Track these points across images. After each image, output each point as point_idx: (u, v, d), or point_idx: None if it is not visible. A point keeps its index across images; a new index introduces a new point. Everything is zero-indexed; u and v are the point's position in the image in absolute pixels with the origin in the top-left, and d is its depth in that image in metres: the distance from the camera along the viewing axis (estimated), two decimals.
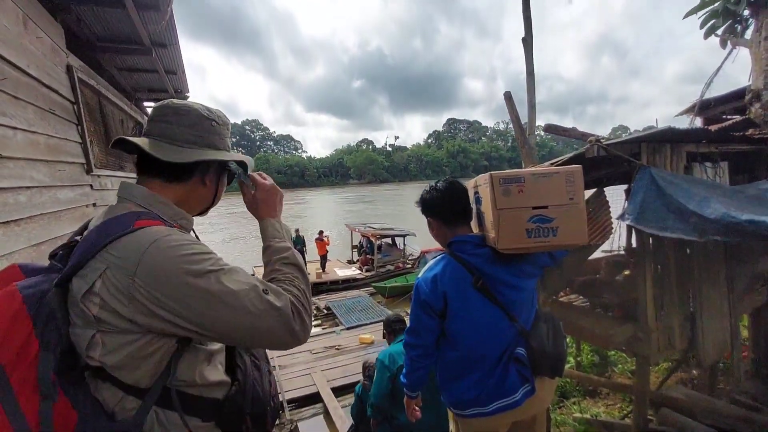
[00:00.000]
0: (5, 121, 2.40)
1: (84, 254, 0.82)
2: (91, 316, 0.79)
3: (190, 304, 0.81)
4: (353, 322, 9.59)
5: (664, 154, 2.40)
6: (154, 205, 0.94)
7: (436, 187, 1.57)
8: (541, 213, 1.31)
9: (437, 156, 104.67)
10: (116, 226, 0.85)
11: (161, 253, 0.81)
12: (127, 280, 0.79)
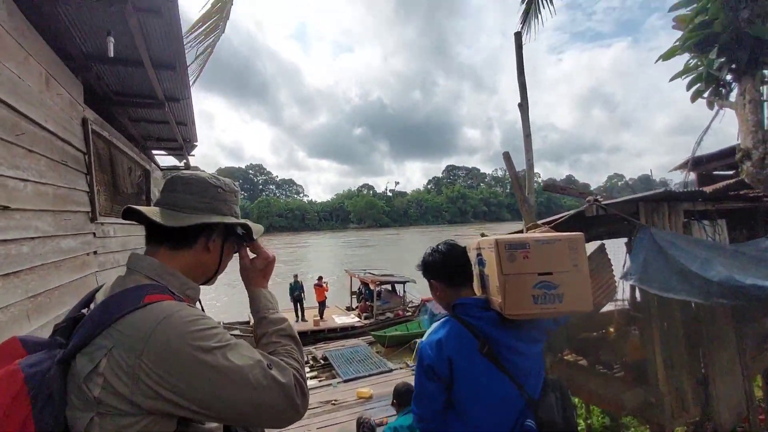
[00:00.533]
0: (17, 173, 2.46)
1: (90, 331, 0.80)
2: (92, 398, 0.76)
3: (195, 383, 0.79)
4: (351, 374, 9.20)
5: (662, 213, 2.43)
6: (163, 277, 0.94)
7: (438, 250, 1.55)
8: (546, 279, 1.32)
9: (437, 201, 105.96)
10: (125, 301, 0.84)
11: (170, 330, 0.80)
12: (133, 360, 0.77)
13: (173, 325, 0.81)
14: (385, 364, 9.74)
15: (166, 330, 0.80)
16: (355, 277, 15.15)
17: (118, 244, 4.68)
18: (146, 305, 0.83)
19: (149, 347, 0.78)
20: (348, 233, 76.04)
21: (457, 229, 79.55)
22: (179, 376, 0.78)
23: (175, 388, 0.78)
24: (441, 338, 1.43)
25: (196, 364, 0.80)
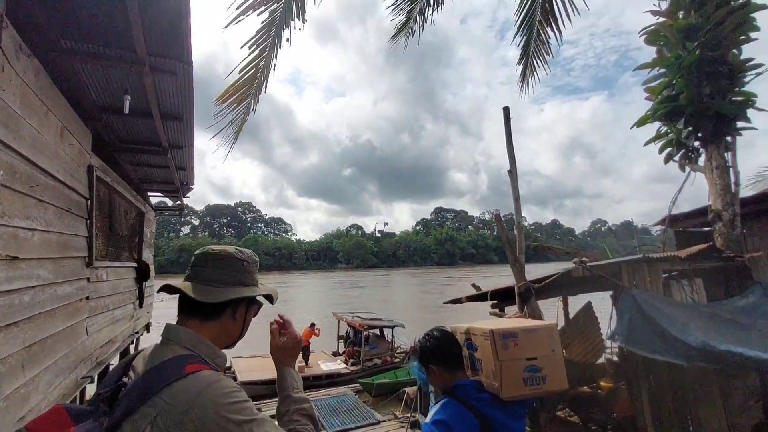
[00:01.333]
0: (28, 224, 2.53)
1: (136, 399, 0.88)
2: None
3: None
4: (336, 426, 8.79)
5: (642, 274, 2.60)
6: (198, 347, 1.03)
7: (433, 336, 1.68)
8: (532, 363, 1.50)
9: (425, 243, 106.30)
10: (167, 371, 0.92)
11: (209, 401, 0.89)
12: (176, 429, 0.85)
13: (212, 396, 0.90)
14: (373, 416, 9.36)
15: (205, 401, 0.88)
16: (343, 320, 14.84)
17: (109, 288, 4.65)
18: (187, 375, 0.91)
19: (189, 416, 0.86)
20: (336, 273, 75.08)
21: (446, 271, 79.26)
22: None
23: None
24: (446, 419, 1.50)
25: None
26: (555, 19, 4.40)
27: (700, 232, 4.25)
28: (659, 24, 4.03)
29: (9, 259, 2.31)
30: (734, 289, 3.32)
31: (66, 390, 3.32)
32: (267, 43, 3.50)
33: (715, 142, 3.81)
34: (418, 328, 14.95)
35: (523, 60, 5.18)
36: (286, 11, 3.31)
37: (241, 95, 3.78)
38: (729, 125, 3.70)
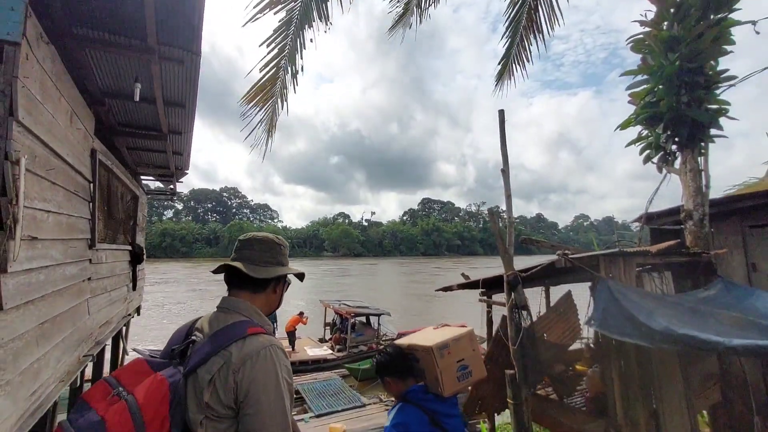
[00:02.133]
0: (44, 205, 2.64)
1: (210, 352, 1.11)
2: (204, 403, 1.06)
3: (257, 403, 1.07)
4: (323, 409, 9.07)
5: (618, 266, 2.87)
6: (252, 315, 1.27)
7: (388, 352, 2.06)
8: (462, 363, 2.00)
9: (412, 233, 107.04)
10: (234, 331, 1.16)
11: (269, 357, 1.12)
12: (231, 376, 1.07)
13: (271, 354, 1.14)
14: (359, 399, 9.68)
15: (266, 357, 1.12)
16: (330, 307, 15.09)
17: (107, 270, 4.74)
18: (249, 335, 1.15)
19: (246, 368, 1.09)
20: (322, 261, 75.15)
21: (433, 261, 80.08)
22: (260, 393, 1.08)
23: (249, 398, 1.06)
24: (402, 420, 1.90)
25: (274, 391, 1.11)
26: (539, 26, 4.62)
27: (672, 230, 4.58)
28: (645, 33, 4.27)
29: (29, 240, 2.43)
30: (700, 282, 3.64)
31: (70, 367, 3.45)
32: (287, 42, 3.60)
33: (690, 146, 4.10)
34: (408, 317, 15.39)
35: (503, 62, 5.41)
36: (305, 11, 3.41)
37: (265, 95, 3.89)
38: (703, 132, 3.99)
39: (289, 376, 1.18)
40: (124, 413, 0.99)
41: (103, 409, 1.00)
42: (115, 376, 1.11)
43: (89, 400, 1.05)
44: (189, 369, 1.10)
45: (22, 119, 2.24)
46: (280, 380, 1.12)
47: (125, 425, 0.97)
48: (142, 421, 0.99)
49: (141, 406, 1.01)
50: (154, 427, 1.00)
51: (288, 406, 1.14)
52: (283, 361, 1.16)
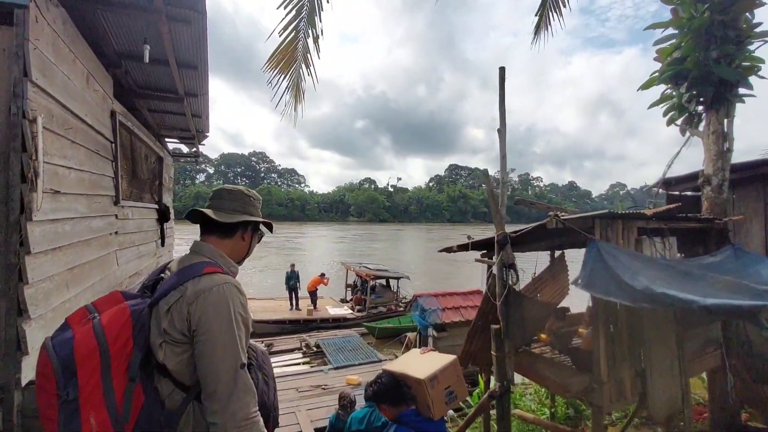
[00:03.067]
0: (65, 162, 2.86)
1: (169, 287, 1.27)
2: (162, 329, 1.22)
3: (213, 329, 1.21)
4: (342, 362, 9.61)
5: (616, 229, 2.83)
6: (216, 257, 1.40)
7: (383, 382, 2.31)
8: (449, 390, 2.28)
9: (438, 200, 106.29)
10: (193, 270, 1.30)
11: (222, 292, 1.26)
12: (186, 307, 1.22)
13: (223, 290, 1.27)
14: (375, 355, 10.15)
15: (219, 292, 1.25)
16: (351, 270, 15.54)
17: (134, 226, 5.09)
18: (205, 274, 1.29)
19: (199, 301, 1.23)
20: (348, 226, 76.42)
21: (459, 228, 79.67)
22: (211, 321, 1.22)
23: (200, 326, 1.20)
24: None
25: (225, 321, 1.24)
26: None
27: (690, 196, 4.39)
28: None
29: (52, 193, 2.67)
30: (712, 249, 3.54)
31: None
32: (304, 2, 3.57)
33: (716, 107, 3.84)
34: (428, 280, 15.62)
35: (539, 11, 5.09)
36: None
37: (288, 61, 3.92)
38: (730, 91, 3.71)
39: (243, 311, 1.30)
40: (90, 332, 1.17)
41: (76, 329, 1.19)
42: (95, 303, 1.29)
43: (70, 321, 1.23)
44: (152, 301, 1.26)
45: (36, 80, 2.41)
46: (233, 313, 1.25)
47: (90, 341, 1.15)
48: (105, 339, 1.16)
49: (104, 326, 1.18)
50: (117, 346, 1.17)
51: (241, 338, 1.26)
52: (237, 297, 1.29)
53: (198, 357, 1.21)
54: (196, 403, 1.25)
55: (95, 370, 1.12)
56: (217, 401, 1.18)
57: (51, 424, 1.09)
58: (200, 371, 1.21)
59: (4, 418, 2.22)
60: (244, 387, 1.23)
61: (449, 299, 9.30)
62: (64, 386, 1.10)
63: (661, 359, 2.98)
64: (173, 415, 1.21)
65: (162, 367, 1.23)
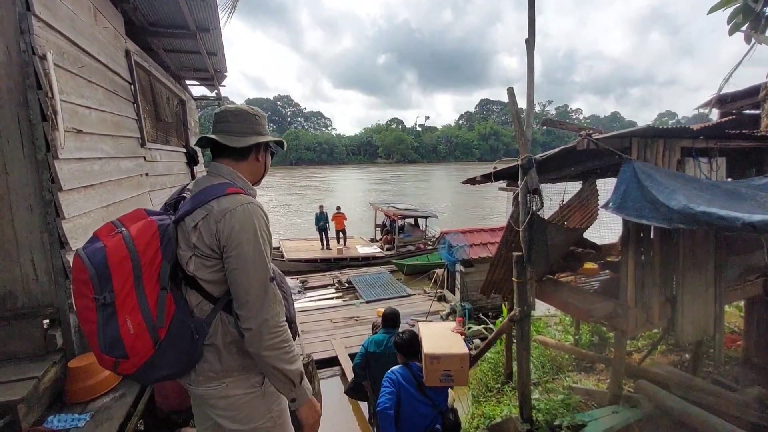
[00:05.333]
0: (83, 101, 2.88)
1: (195, 205, 1.30)
2: (192, 243, 1.28)
3: (241, 248, 1.25)
4: (372, 297, 10.07)
5: (656, 150, 2.59)
6: (235, 179, 1.42)
7: (405, 338, 2.72)
8: (446, 373, 2.53)
9: (468, 138, 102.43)
10: (215, 189, 1.32)
11: (249, 213, 1.29)
12: (215, 225, 1.26)
13: (249, 209, 1.29)
14: (404, 290, 10.55)
15: (244, 211, 1.28)
16: (380, 210, 15.70)
17: (164, 168, 5.23)
18: (229, 194, 1.32)
19: (226, 218, 1.26)
20: (376, 168, 76.11)
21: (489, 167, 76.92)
22: (240, 238, 1.25)
23: (230, 242, 1.25)
24: (399, 375, 2.62)
25: (252, 237, 1.28)
26: None
27: (747, 114, 3.94)
28: None
29: (75, 132, 2.72)
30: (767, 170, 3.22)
31: None
32: None
33: None
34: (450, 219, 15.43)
35: None
36: None
37: None
38: None
39: (267, 230, 1.34)
40: (120, 242, 1.24)
41: (107, 240, 1.25)
42: (120, 219, 1.34)
43: (99, 234, 1.30)
44: (178, 217, 1.31)
45: (40, 14, 2.35)
46: (258, 231, 1.29)
47: (120, 250, 1.22)
48: (136, 249, 1.23)
49: (133, 237, 1.25)
50: (147, 257, 1.24)
51: (267, 254, 1.31)
52: (261, 216, 1.32)
53: (230, 271, 1.27)
54: (224, 314, 1.33)
55: (128, 277, 1.20)
56: (250, 309, 1.26)
57: (90, 324, 1.19)
58: (233, 284, 1.27)
59: (65, 337, 2.48)
60: (274, 297, 1.30)
61: (477, 236, 9.28)
62: (101, 291, 1.18)
63: (696, 286, 2.86)
64: (203, 324, 1.30)
65: (191, 279, 1.30)
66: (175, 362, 1.27)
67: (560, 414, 2.80)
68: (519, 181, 2.47)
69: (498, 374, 4.55)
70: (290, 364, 1.32)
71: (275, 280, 1.45)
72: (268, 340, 1.26)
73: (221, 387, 1.34)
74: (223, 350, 1.33)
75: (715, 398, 2.79)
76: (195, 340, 1.28)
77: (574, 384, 3.54)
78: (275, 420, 1.44)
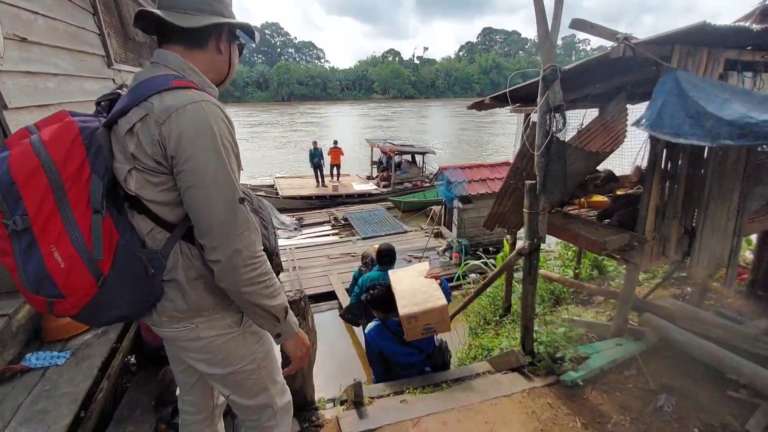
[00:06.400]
0: (27, 5, 2.42)
1: (130, 102, 0.98)
2: (129, 153, 0.98)
3: (191, 158, 0.96)
4: (369, 233, 10.04)
5: (699, 59, 2.24)
6: (186, 71, 1.07)
7: (379, 290, 2.64)
8: (428, 326, 2.44)
9: (468, 71, 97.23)
10: (158, 82, 0.99)
11: (196, 113, 0.96)
12: (156, 128, 0.95)
13: (203, 108, 0.97)
14: (401, 226, 10.50)
15: (197, 111, 0.96)
16: (376, 146, 15.18)
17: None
18: (175, 88, 0.98)
19: (172, 120, 0.94)
20: (372, 104, 73.05)
21: None
22: (193, 146, 0.95)
23: (179, 153, 0.95)
24: (377, 335, 2.65)
25: (210, 146, 0.97)
26: None
27: None
28: None
29: (19, 40, 2.30)
30: None
31: None
32: None
33: None
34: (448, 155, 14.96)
35: None
36: None
37: None
38: None
39: (231, 139, 1.04)
40: (27, 148, 0.95)
41: (13, 148, 0.97)
42: (36, 123, 1.05)
43: (8, 143, 1.01)
44: (109, 119, 1.00)
45: None
46: (218, 138, 0.99)
47: (28, 160, 0.94)
48: (51, 160, 0.94)
49: (45, 143, 0.96)
50: (70, 170, 0.96)
51: (234, 170, 1.03)
52: (221, 119, 1.01)
53: (184, 191, 0.99)
54: (185, 244, 1.08)
55: (46, 195, 0.93)
56: (216, 238, 1.00)
57: (6, 257, 0.95)
58: (190, 207, 1.00)
59: None
60: (247, 223, 1.04)
61: (476, 171, 9.00)
62: (9, 213, 0.92)
63: (718, 217, 2.66)
64: (158, 256, 1.05)
65: (135, 200, 1.03)
66: (130, 302, 1.05)
67: (562, 346, 2.76)
68: (539, 97, 2.14)
69: (496, 307, 4.55)
70: (272, 299, 1.10)
71: (249, 203, 1.20)
72: (244, 274, 1.03)
73: (191, 328, 1.14)
74: (186, 287, 1.09)
75: (723, 331, 2.74)
76: (150, 275, 1.04)
77: (575, 317, 3.50)
78: (259, 362, 1.26)
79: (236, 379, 1.24)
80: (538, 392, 2.52)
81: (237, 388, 1.26)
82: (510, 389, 2.53)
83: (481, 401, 2.43)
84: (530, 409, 2.38)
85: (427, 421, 2.27)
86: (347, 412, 2.31)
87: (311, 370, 2.26)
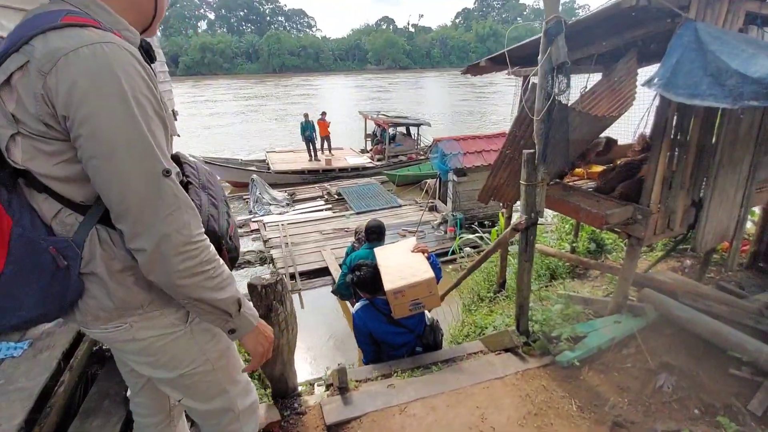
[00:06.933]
0: None
1: (8, 47, 0.76)
2: (9, 114, 0.76)
3: (89, 118, 0.74)
4: (363, 208, 9.86)
5: (719, 11, 1.99)
6: (91, 8, 0.83)
7: (367, 271, 2.50)
8: (415, 301, 2.34)
9: (464, 40, 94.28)
10: (42, 19, 0.76)
11: (92, 58, 0.74)
12: (39, 78, 0.73)
13: (102, 52, 0.74)
14: (396, 201, 10.32)
15: (93, 54, 0.73)
16: (369, 118, 14.75)
17: None
18: (65, 25, 0.75)
19: (60, 67, 0.72)
20: (366, 75, 71.00)
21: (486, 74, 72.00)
22: (90, 102, 0.73)
23: (73, 112, 0.74)
24: (365, 315, 2.55)
25: (116, 101, 0.75)
26: None
27: None
28: None
29: None
30: None
31: None
32: None
33: None
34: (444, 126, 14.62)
35: None
36: None
37: None
38: None
39: (150, 93, 0.81)
40: None
41: None
42: None
43: None
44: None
45: None
46: (129, 92, 0.76)
47: None
48: None
49: None
50: None
51: (155, 133, 0.81)
52: (131, 66, 0.78)
53: (86, 162, 0.78)
54: (104, 229, 0.87)
55: None
56: (136, 222, 0.80)
57: None
58: (96, 183, 0.79)
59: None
60: (176, 201, 0.83)
61: (471, 143, 8.73)
62: None
63: (727, 187, 2.49)
64: (69, 245, 0.84)
65: (29, 175, 0.82)
66: (38, 301, 0.86)
67: (558, 325, 2.64)
68: (540, 55, 1.90)
69: (491, 283, 4.44)
70: (219, 292, 0.92)
71: (193, 183, 0.99)
72: (178, 264, 0.84)
73: (124, 329, 0.95)
74: (110, 282, 0.90)
75: (726, 306, 2.63)
76: (62, 268, 0.84)
77: (572, 293, 3.38)
78: (213, 362, 1.09)
79: (187, 383, 1.07)
80: (532, 374, 2.41)
81: (189, 392, 1.10)
82: (503, 371, 2.42)
83: (472, 384, 2.31)
84: (524, 391, 2.27)
85: (415, 406, 2.16)
86: (331, 398, 2.19)
87: (292, 355, 2.11)
